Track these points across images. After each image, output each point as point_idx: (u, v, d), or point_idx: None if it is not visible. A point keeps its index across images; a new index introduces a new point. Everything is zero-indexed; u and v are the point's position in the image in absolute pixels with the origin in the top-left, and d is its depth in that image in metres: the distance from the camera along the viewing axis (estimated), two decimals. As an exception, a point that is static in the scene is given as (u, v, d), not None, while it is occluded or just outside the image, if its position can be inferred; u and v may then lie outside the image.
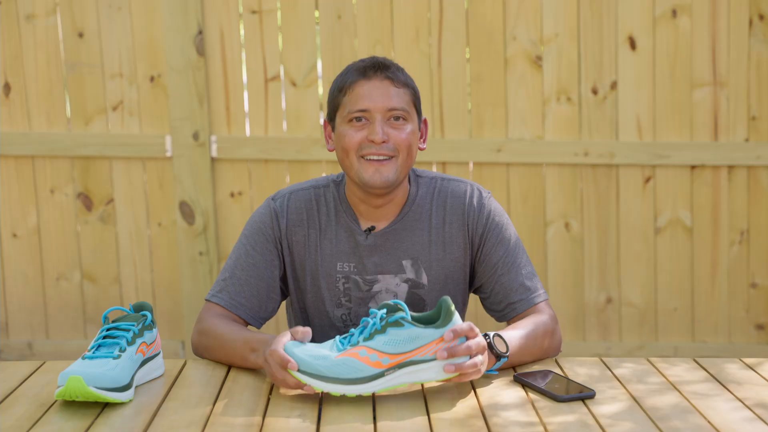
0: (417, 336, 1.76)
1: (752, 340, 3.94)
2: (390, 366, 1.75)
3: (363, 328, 1.78)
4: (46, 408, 1.77)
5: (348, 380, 1.74)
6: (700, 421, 1.69)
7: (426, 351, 1.76)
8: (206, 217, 3.89)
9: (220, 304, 2.12)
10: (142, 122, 3.90)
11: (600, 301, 3.94)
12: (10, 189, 3.94)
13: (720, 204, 3.88)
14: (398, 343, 1.75)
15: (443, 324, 1.77)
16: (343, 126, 2.08)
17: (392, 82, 2.06)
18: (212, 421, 1.70)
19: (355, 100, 2.05)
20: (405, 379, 1.77)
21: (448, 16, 3.81)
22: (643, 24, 3.79)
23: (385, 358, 1.75)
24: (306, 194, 2.18)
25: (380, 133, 2.03)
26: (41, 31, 3.85)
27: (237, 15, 3.85)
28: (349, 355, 1.75)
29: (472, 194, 2.17)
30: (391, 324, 1.76)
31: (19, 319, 4.01)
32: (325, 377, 1.74)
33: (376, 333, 1.76)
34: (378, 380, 1.75)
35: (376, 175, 2.05)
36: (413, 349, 1.76)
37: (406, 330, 1.76)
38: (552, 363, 2.01)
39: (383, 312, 1.78)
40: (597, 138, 3.85)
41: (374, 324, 1.77)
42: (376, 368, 1.75)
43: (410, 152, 2.07)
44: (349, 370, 1.74)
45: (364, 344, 1.76)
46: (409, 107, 2.08)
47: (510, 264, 2.13)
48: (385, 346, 1.75)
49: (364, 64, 2.08)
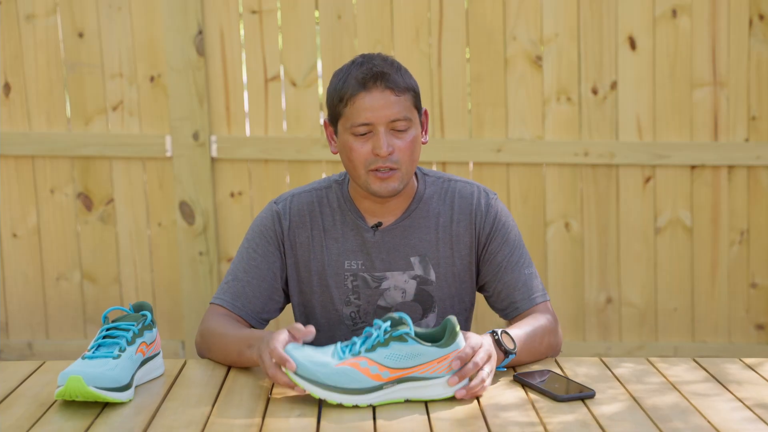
0: (419, 353, 1.76)
1: (752, 340, 3.94)
2: (389, 380, 1.75)
3: (366, 338, 1.78)
4: (46, 408, 1.77)
5: (346, 390, 1.74)
6: (700, 421, 1.69)
7: (427, 369, 1.77)
8: (206, 217, 3.89)
9: (222, 305, 2.13)
10: (142, 122, 3.90)
11: (600, 301, 3.94)
12: (10, 189, 3.94)
13: (720, 204, 3.88)
14: (400, 359, 1.75)
15: (447, 344, 1.77)
16: (347, 137, 2.08)
17: (393, 91, 2.05)
18: (212, 421, 1.70)
19: (357, 113, 2.05)
20: (403, 394, 1.77)
21: (448, 16, 3.81)
22: (643, 24, 3.80)
23: (386, 371, 1.75)
24: (308, 196, 2.19)
25: (385, 147, 2.04)
26: (41, 31, 3.85)
27: (237, 15, 3.86)
28: (349, 364, 1.75)
29: (480, 195, 2.19)
30: (394, 338, 1.76)
31: (19, 319, 4.01)
32: (324, 384, 1.74)
33: (378, 345, 1.76)
34: (376, 393, 1.75)
35: (383, 186, 2.07)
36: (414, 366, 1.76)
37: (408, 346, 1.76)
38: (552, 363, 2.01)
39: (387, 325, 1.78)
40: (597, 138, 3.85)
41: (377, 336, 1.77)
42: (376, 381, 1.75)
43: (414, 158, 2.09)
44: (349, 380, 1.74)
45: (366, 355, 1.76)
46: (411, 112, 2.09)
47: (514, 264, 2.15)
48: (386, 360, 1.75)
49: (364, 74, 2.05)
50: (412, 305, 2.16)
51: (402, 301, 2.15)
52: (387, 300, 2.15)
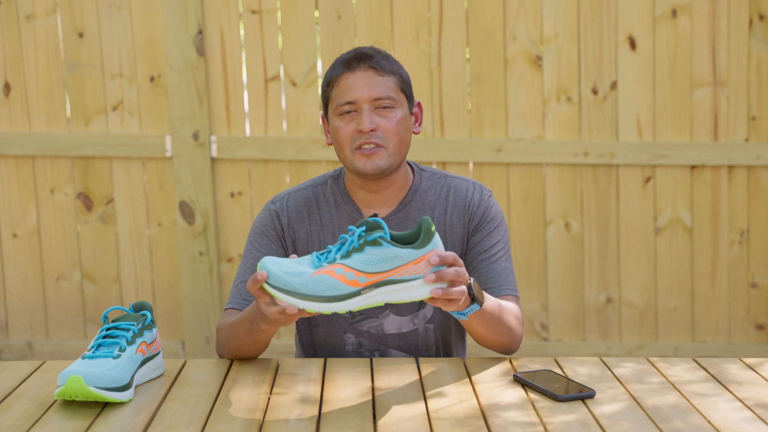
0: (395, 256, 1.72)
1: (752, 340, 3.94)
2: (367, 285, 1.71)
3: (341, 245, 1.74)
4: (46, 408, 1.77)
5: (323, 298, 1.70)
6: (700, 421, 1.69)
7: (404, 271, 1.72)
8: (206, 217, 3.89)
9: (233, 307, 2.14)
10: (142, 122, 3.90)
11: (600, 301, 3.94)
12: (10, 189, 3.94)
13: (720, 204, 3.88)
14: (376, 263, 1.71)
15: (422, 245, 1.73)
16: (334, 119, 2.13)
17: (376, 71, 2.10)
18: (212, 421, 1.70)
19: (342, 92, 2.10)
20: (382, 298, 1.73)
21: (448, 16, 3.81)
22: (643, 24, 3.79)
23: (362, 276, 1.71)
24: (304, 194, 2.21)
25: (367, 123, 2.07)
26: (41, 31, 3.85)
27: (237, 15, 3.86)
28: (325, 272, 1.71)
29: (474, 190, 2.21)
30: (369, 243, 1.72)
31: (19, 319, 4.01)
32: (301, 294, 1.70)
33: (353, 251, 1.72)
34: (354, 299, 1.71)
35: (368, 163, 2.09)
36: (391, 269, 1.72)
37: (384, 249, 1.71)
38: (552, 363, 2.01)
39: (362, 230, 1.74)
40: (597, 138, 3.85)
41: (351, 242, 1.73)
42: (353, 287, 1.71)
43: (401, 138, 2.11)
44: (325, 288, 1.70)
45: (341, 262, 1.72)
46: (396, 93, 2.12)
47: (492, 254, 2.16)
48: (362, 265, 1.71)
49: (349, 56, 2.13)
50: None
51: None
52: None
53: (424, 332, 2.19)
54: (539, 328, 3.96)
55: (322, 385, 1.88)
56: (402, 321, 2.17)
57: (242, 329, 1.99)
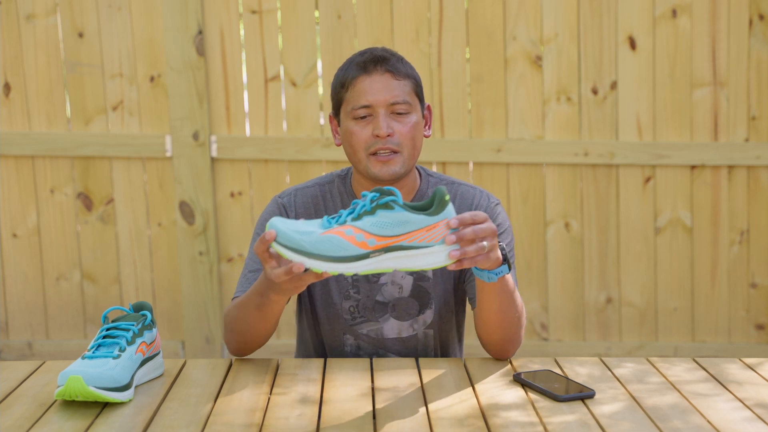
0: (407, 221, 1.69)
1: (752, 340, 3.94)
2: (376, 248, 1.68)
3: (353, 209, 1.72)
4: (45, 408, 1.77)
5: (331, 258, 1.67)
6: (700, 421, 1.69)
7: (415, 237, 1.69)
8: (206, 217, 3.89)
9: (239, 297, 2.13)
10: (142, 122, 3.90)
11: (600, 301, 3.94)
12: (10, 189, 3.94)
13: (720, 204, 3.88)
14: (387, 226, 1.68)
15: (436, 212, 1.70)
16: (348, 122, 2.11)
17: (393, 74, 2.09)
18: (212, 420, 1.70)
19: (358, 95, 2.08)
20: (392, 264, 1.70)
21: (448, 16, 3.81)
22: (643, 24, 3.80)
23: (372, 239, 1.68)
24: (312, 191, 2.21)
25: (384, 128, 2.06)
26: (41, 31, 3.85)
27: (237, 15, 3.86)
28: (334, 232, 1.68)
29: (482, 198, 2.20)
30: (381, 206, 1.69)
31: (19, 319, 4.01)
32: (308, 252, 1.67)
33: (365, 214, 1.70)
34: (362, 261, 1.68)
35: (384, 169, 2.08)
36: (402, 234, 1.69)
37: (396, 213, 1.69)
38: (552, 363, 2.01)
39: (374, 195, 1.71)
40: (597, 138, 3.85)
41: (364, 205, 1.71)
42: (362, 248, 1.67)
43: (415, 143, 2.11)
44: (333, 248, 1.67)
45: (352, 224, 1.69)
46: (412, 98, 2.11)
47: None
48: (372, 227, 1.68)
49: (364, 58, 2.11)
50: (409, 301, 2.16)
51: (399, 297, 2.16)
52: (384, 295, 2.16)
53: (423, 338, 2.19)
54: (539, 328, 3.96)
55: (322, 385, 1.88)
56: (402, 326, 2.17)
57: (252, 304, 1.96)
